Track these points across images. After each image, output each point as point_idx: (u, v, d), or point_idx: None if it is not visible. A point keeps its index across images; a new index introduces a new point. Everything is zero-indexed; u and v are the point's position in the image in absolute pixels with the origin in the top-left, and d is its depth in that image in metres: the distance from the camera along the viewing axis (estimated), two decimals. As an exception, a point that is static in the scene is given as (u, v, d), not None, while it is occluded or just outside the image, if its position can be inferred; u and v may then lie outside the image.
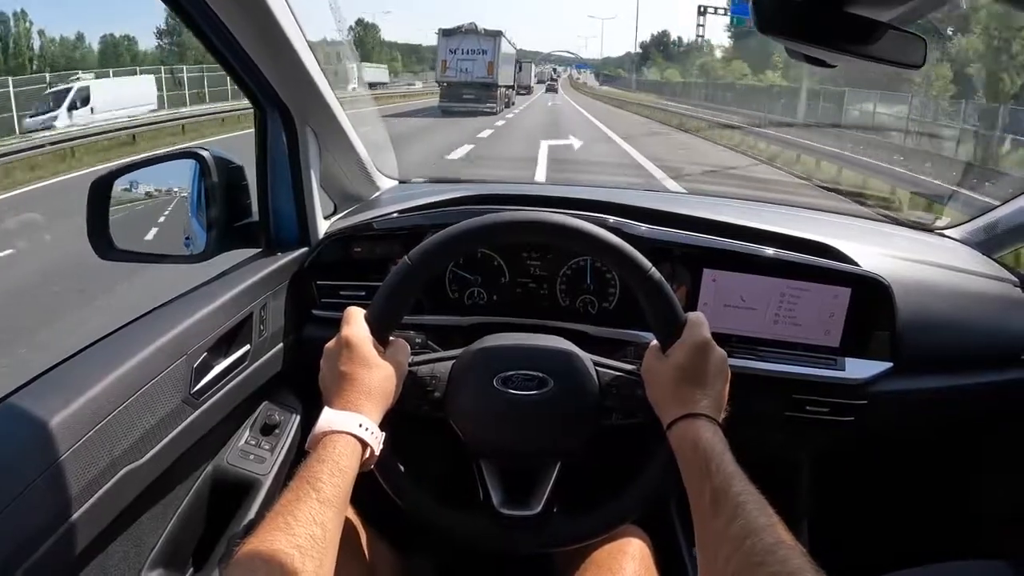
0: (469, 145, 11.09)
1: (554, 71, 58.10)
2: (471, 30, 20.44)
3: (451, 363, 0.74)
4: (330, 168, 1.10)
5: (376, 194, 1.25)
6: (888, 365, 0.96)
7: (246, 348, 0.89)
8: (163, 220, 0.95)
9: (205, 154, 0.90)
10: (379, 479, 0.69)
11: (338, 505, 0.55)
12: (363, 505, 0.75)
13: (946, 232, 1.24)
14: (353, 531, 0.78)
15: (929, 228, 1.30)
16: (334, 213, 1.16)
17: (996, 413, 1.07)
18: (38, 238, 5.14)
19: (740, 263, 0.96)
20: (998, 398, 1.03)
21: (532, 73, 36.80)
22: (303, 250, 1.03)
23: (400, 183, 1.34)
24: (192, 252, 0.94)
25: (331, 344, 0.67)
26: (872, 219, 1.61)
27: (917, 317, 0.96)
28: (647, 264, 0.68)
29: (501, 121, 16.99)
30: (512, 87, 23.98)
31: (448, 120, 17.22)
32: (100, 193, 0.86)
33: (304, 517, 0.52)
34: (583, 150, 10.99)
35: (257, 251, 1.00)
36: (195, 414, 0.77)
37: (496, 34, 20.60)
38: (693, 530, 0.58)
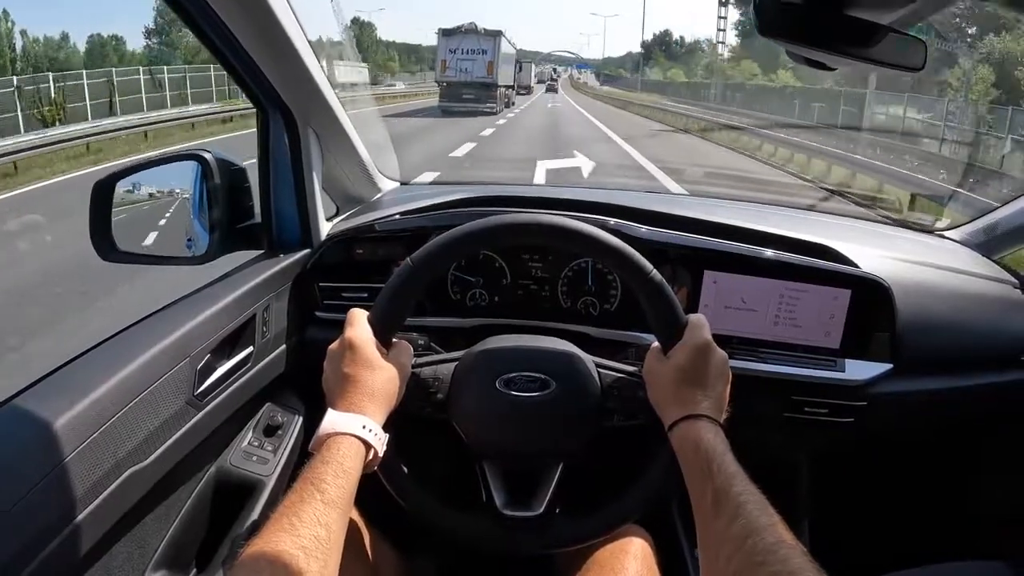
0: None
1: (554, 71, 57.91)
2: (471, 30, 20.43)
3: (454, 365, 0.74)
4: (332, 170, 1.10)
5: (378, 196, 1.25)
6: (888, 366, 0.96)
7: (249, 350, 0.89)
8: (165, 222, 0.95)
9: (207, 156, 0.91)
10: (382, 480, 0.70)
11: (342, 506, 0.55)
12: (367, 506, 0.75)
13: (946, 233, 1.24)
14: (357, 532, 0.78)
15: (929, 230, 1.30)
16: (336, 215, 1.16)
17: (996, 414, 1.08)
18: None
19: (741, 265, 0.97)
20: (998, 399, 1.03)
21: (532, 73, 36.75)
22: (305, 252, 1.03)
23: (401, 184, 1.34)
24: (194, 254, 0.94)
25: (334, 346, 0.67)
26: (872, 221, 1.62)
27: (917, 318, 0.97)
28: (648, 266, 0.68)
29: (502, 120, 17.05)
30: (512, 87, 23.97)
31: (449, 120, 17.25)
32: (102, 194, 0.86)
33: (308, 518, 0.52)
34: (600, 172, 7.88)
35: (259, 253, 1.01)
36: (199, 416, 0.78)
37: (496, 34, 20.60)
38: (695, 530, 0.58)
